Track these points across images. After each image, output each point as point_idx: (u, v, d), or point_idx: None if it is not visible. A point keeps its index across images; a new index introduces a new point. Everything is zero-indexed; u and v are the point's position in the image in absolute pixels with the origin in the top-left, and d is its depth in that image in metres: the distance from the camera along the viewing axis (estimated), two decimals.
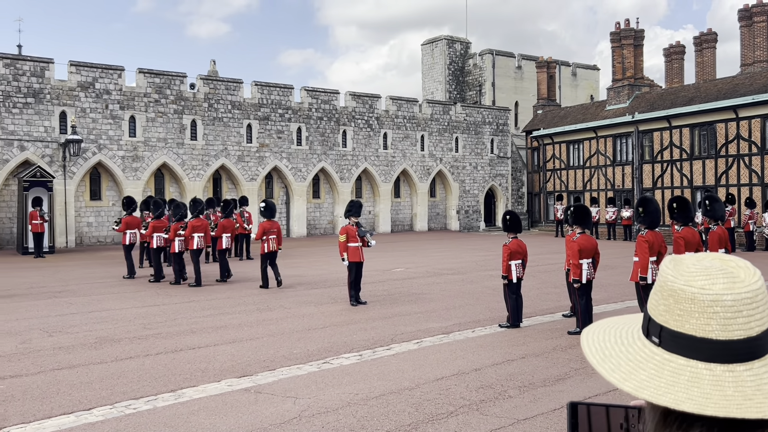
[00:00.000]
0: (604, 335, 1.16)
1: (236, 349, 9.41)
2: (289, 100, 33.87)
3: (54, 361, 8.74)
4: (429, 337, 10.23)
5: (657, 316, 1.08)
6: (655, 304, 1.09)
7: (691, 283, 1.04)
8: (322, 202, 36.00)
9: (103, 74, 28.80)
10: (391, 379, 7.81)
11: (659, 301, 1.08)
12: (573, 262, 10.58)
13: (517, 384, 7.65)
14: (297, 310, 12.55)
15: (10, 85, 26.68)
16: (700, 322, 1.02)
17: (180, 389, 7.47)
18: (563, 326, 11.04)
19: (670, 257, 1.13)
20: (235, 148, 32.13)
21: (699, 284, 1.03)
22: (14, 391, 7.40)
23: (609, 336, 1.16)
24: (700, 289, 1.03)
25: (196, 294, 14.79)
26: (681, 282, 1.05)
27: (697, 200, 30.88)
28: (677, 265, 1.09)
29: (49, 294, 14.84)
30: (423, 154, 38.62)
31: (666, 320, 1.06)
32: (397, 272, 18.75)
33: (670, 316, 1.05)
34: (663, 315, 1.07)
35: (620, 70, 36.98)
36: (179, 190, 31.12)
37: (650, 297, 1.12)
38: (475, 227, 40.99)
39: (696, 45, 36.86)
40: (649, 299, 1.12)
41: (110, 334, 10.44)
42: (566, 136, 39.12)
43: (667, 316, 1.06)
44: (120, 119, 29.10)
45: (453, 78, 49.55)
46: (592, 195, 36.81)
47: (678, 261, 1.10)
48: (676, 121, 32.48)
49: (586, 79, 53.43)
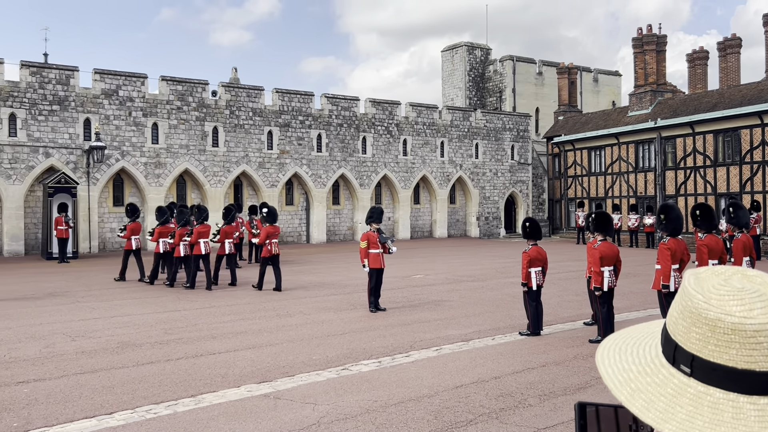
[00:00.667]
0: (622, 358, 1.09)
1: (256, 354, 9.44)
2: (309, 107, 34.05)
3: (77, 365, 8.84)
4: (448, 344, 10.19)
5: (686, 344, 1.00)
6: (683, 330, 1.01)
7: (727, 311, 0.96)
8: (342, 209, 36.09)
9: (127, 82, 29.19)
10: (410, 387, 7.79)
11: (689, 328, 1.00)
12: (594, 270, 10.49)
13: (537, 392, 7.59)
14: (316, 316, 12.58)
15: (36, 92, 27.14)
16: (741, 354, 0.94)
17: (200, 394, 7.52)
18: (584, 334, 10.94)
19: (691, 275, 1.05)
20: (256, 154, 32.35)
21: (737, 312, 0.96)
22: (38, 394, 7.49)
23: (629, 362, 1.08)
24: (742, 319, 0.95)
25: (217, 299, 14.89)
26: (717, 310, 0.97)
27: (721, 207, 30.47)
28: (703, 285, 1.01)
29: (72, 299, 15.03)
30: (443, 160, 38.58)
31: (699, 349, 0.98)
32: (417, 279, 18.72)
33: (703, 345, 0.98)
34: (695, 344, 0.99)
35: (642, 75, 36.67)
36: (201, 196, 31.40)
37: (674, 321, 1.04)
38: (495, 234, 40.81)
39: (720, 50, 36.43)
40: (673, 323, 1.04)
41: (132, 338, 10.54)
42: (588, 142, 38.85)
43: (701, 345, 0.98)
44: (143, 126, 29.46)
45: (473, 84, 49.48)
46: (614, 202, 36.49)
47: (702, 280, 1.03)
48: (700, 127, 32.11)
49: (608, 85, 53.05)
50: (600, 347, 1.15)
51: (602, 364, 1.10)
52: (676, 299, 1.06)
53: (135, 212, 19.42)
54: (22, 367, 8.70)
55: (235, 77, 39.87)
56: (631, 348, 1.11)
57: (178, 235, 16.95)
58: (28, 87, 26.96)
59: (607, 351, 1.12)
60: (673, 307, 1.05)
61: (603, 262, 10.39)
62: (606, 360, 1.10)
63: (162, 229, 17.87)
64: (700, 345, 0.98)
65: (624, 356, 1.09)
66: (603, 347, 1.14)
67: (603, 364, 1.10)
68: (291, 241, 34.06)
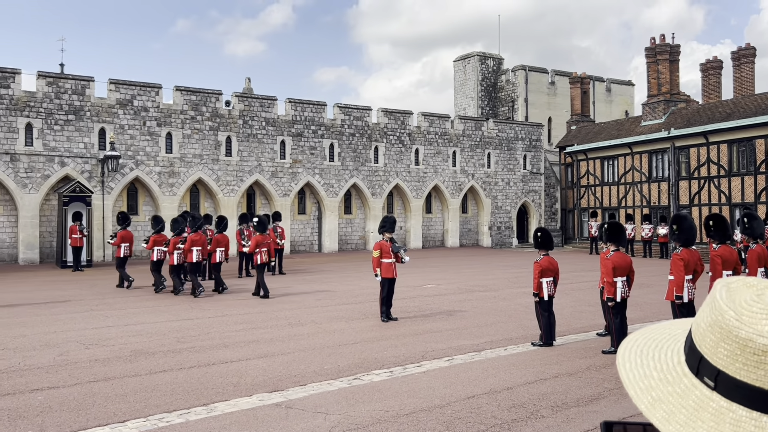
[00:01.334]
0: (644, 362, 1.07)
1: (268, 363, 9.46)
2: (322, 117, 34.20)
3: (90, 373, 8.90)
4: (460, 354, 10.16)
5: (712, 358, 0.98)
6: (711, 344, 0.99)
7: (760, 331, 0.94)
8: (354, 218, 36.14)
9: (142, 92, 29.47)
10: (421, 397, 7.77)
11: (718, 343, 0.98)
12: (607, 280, 10.43)
13: (549, 404, 7.55)
14: (328, 326, 12.58)
15: (53, 102, 27.46)
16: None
17: (212, 403, 7.54)
18: (597, 345, 10.87)
19: (723, 286, 1.02)
20: (269, 164, 32.51)
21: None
22: (51, 402, 7.55)
23: (650, 366, 1.06)
24: None
25: (229, 308, 14.94)
26: (749, 329, 0.95)
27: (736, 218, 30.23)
28: (735, 299, 0.99)
29: (86, 307, 15.14)
30: (455, 169, 38.58)
31: (725, 365, 0.97)
32: (429, 288, 18.69)
33: (731, 362, 0.96)
34: (722, 359, 0.97)
35: (656, 85, 36.55)
36: (214, 205, 31.57)
37: (702, 332, 1.01)
38: (508, 244, 40.69)
39: (734, 60, 36.27)
40: (701, 334, 1.02)
41: (145, 347, 10.59)
42: (601, 152, 38.72)
43: (728, 361, 0.96)
44: (157, 136, 29.70)
45: (485, 94, 49.51)
46: (627, 212, 36.31)
47: (734, 292, 1.00)
48: (714, 137, 31.93)
49: (621, 95, 52.89)
50: (621, 348, 1.13)
51: (623, 367, 1.08)
52: (704, 309, 1.03)
53: (126, 220, 19.73)
54: (36, 375, 8.77)
55: (248, 87, 40.14)
56: (653, 352, 1.09)
57: (172, 244, 17.26)
58: (44, 97, 27.29)
59: (628, 353, 1.10)
60: (702, 317, 1.03)
61: (616, 273, 10.34)
62: (627, 363, 1.09)
63: (157, 238, 18.11)
64: (728, 361, 0.96)
65: (645, 360, 1.07)
66: (624, 348, 1.12)
67: (624, 368, 1.08)
68: (303, 250, 34.14)
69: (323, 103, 34.33)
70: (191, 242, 17.14)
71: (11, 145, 26.62)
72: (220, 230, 19.42)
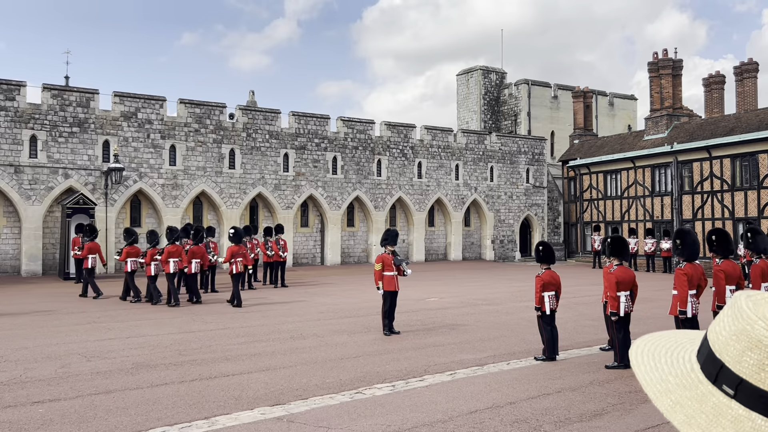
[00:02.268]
0: (658, 366, 1.07)
1: (269, 377, 9.43)
2: (325, 130, 34.30)
3: (92, 385, 8.88)
4: (463, 368, 10.11)
5: (735, 366, 0.98)
6: (735, 353, 0.98)
7: None
8: (357, 231, 36.14)
9: (146, 104, 29.61)
10: (424, 411, 7.73)
11: (744, 352, 0.97)
12: (610, 295, 10.40)
13: (552, 419, 7.51)
14: (330, 339, 12.55)
15: (57, 115, 27.60)
16: None
17: (213, 416, 7.51)
18: (601, 360, 10.82)
19: (747, 297, 1.02)
20: (272, 176, 32.58)
21: None
22: (53, 414, 7.53)
23: (665, 370, 1.06)
24: None
25: (231, 321, 14.91)
26: None
27: (739, 232, 30.15)
28: (761, 310, 0.98)
29: (88, 319, 15.12)
30: (457, 183, 38.61)
31: (750, 375, 0.96)
32: (431, 302, 18.65)
33: (756, 372, 0.95)
34: (747, 369, 0.96)
35: (658, 99, 36.62)
36: (217, 217, 31.62)
37: (724, 341, 1.01)
38: (511, 257, 40.63)
39: (737, 75, 36.32)
40: (722, 343, 1.01)
41: (147, 359, 10.57)
42: (603, 166, 38.73)
43: (753, 370, 0.96)
44: (161, 148, 29.80)
45: (488, 108, 49.64)
46: (630, 226, 36.24)
47: (759, 304, 0.99)
48: (717, 151, 31.93)
49: (624, 109, 52.99)
50: (633, 350, 1.13)
51: (639, 369, 1.08)
52: (725, 319, 1.02)
53: (93, 232, 20.44)
54: (37, 387, 8.75)
55: (252, 100, 40.31)
56: (665, 357, 1.09)
57: (149, 255, 17.86)
58: (49, 109, 27.43)
59: (641, 356, 1.10)
60: (723, 326, 1.02)
61: (619, 287, 10.32)
62: (642, 366, 1.09)
63: (130, 250, 18.73)
64: (753, 370, 0.96)
65: (659, 364, 1.08)
66: (636, 351, 1.12)
67: (639, 369, 1.08)
68: (305, 263, 34.11)
69: (326, 117, 34.44)
70: (168, 253, 17.80)
71: (15, 157, 26.73)
72: (197, 242, 19.74)
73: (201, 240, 19.97)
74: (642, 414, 7.70)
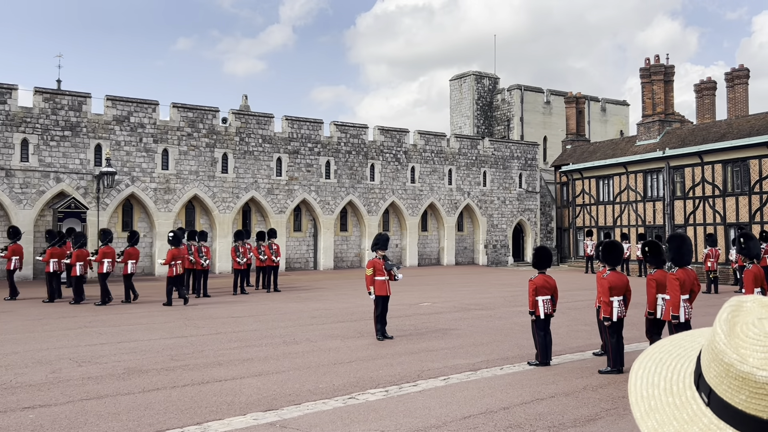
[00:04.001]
0: (655, 375, 1.09)
1: (262, 382, 9.38)
2: (318, 135, 34.28)
3: (83, 391, 8.80)
4: (456, 373, 10.10)
5: (707, 376, 1.01)
6: (706, 362, 1.02)
7: (743, 358, 0.96)
8: (350, 235, 36.10)
9: (138, 108, 29.51)
10: (417, 416, 7.71)
11: (710, 363, 1.01)
12: (603, 300, 10.42)
13: (546, 424, 7.49)
14: (323, 344, 12.51)
15: (49, 118, 27.46)
16: (751, 401, 0.95)
17: (206, 422, 7.46)
18: (594, 365, 10.83)
19: (731, 306, 1.03)
20: (265, 181, 32.52)
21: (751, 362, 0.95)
22: (43, 420, 7.46)
23: (660, 378, 1.08)
24: (753, 369, 0.95)
25: (224, 326, 14.85)
26: (732, 355, 0.97)
27: (731, 237, 30.31)
28: (734, 322, 1.00)
29: (79, 324, 15.02)
30: (451, 188, 38.65)
31: (715, 385, 0.99)
32: (424, 307, 18.63)
33: (719, 383, 0.99)
34: (713, 379, 1.00)
35: (650, 105, 36.79)
36: (209, 222, 31.51)
37: (704, 348, 1.04)
38: (503, 262, 40.67)
39: (728, 81, 36.56)
40: (704, 350, 1.04)
41: (138, 364, 10.50)
42: (596, 171, 38.88)
43: (716, 381, 0.99)
44: (153, 152, 29.70)
45: (481, 113, 49.75)
46: (622, 231, 36.37)
47: (741, 312, 1.01)
48: (708, 157, 32.10)
49: (616, 115, 53.23)
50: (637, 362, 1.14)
51: (634, 374, 1.11)
52: None
53: (17, 234, 20.85)
54: (27, 393, 8.67)
55: (245, 104, 40.24)
56: (674, 361, 1.11)
57: (75, 256, 18.73)
58: (40, 113, 27.30)
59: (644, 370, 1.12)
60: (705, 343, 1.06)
61: (612, 292, 10.33)
62: (640, 370, 1.12)
63: (53, 251, 19.71)
64: (716, 381, 0.99)
65: (659, 369, 1.10)
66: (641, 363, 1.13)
67: (635, 374, 1.11)
68: (299, 267, 34.04)
69: (320, 121, 34.43)
70: (102, 254, 18.73)
71: (6, 160, 26.57)
72: (132, 244, 20.01)
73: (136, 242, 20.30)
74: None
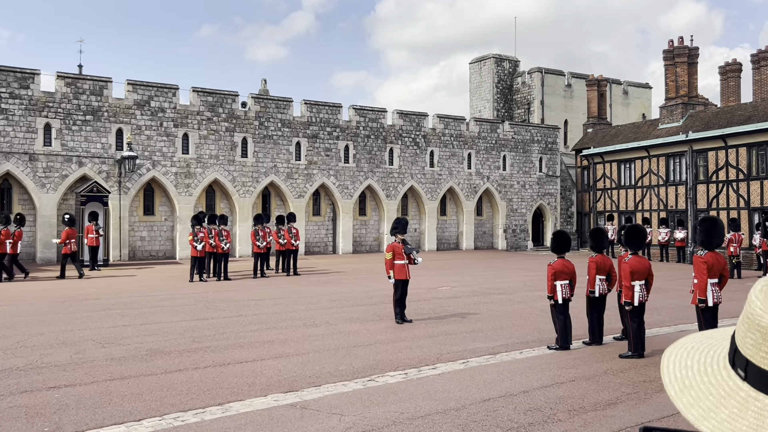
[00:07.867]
0: (688, 359, 1.10)
1: (282, 364, 9.46)
2: (337, 119, 34.24)
3: (106, 371, 8.94)
4: (475, 357, 10.10)
5: (743, 348, 1.01)
6: (742, 334, 1.01)
7: None
8: (368, 219, 36.13)
9: (159, 93, 29.66)
10: (436, 399, 7.73)
11: (746, 333, 1.01)
12: (624, 284, 10.33)
13: (566, 407, 7.48)
14: (342, 327, 12.57)
15: (71, 103, 27.71)
16: None
17: (227, 403, 7.54)
18: (614, 349, 10.77)
19: (761, 282, 1.04)
20: (284, 165, 32.60)
21: None
22: (68, 400, 7.59)
23: (693, 361, 1.09)
24: None
25: (245, 309, 14.97)
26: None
27: (755, 222, 29.88)
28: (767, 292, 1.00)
29: (103, 306, 15.24)
30: (470, 172, 38.46)
31: (752, 355, 0.99)
32: (443, 291, 18.63)
33: (756, 352, 0.98)
34: (749, 349, 0.99)
35: (673, 88, 36.22)
36: (229, 206, 31.71)
37: (739, 324, 1.04)
38: (523, 247, 40.49)
39: (753, 63, 35.80)
40: (737, 327, 1.04)
41: (161, 346, 10.63)
42: (617, 155, 38.44)
43: (753, 350, 0.99)
44: (174, 136, 29.88)
45: (501, 96, 49.33)
46: (644, 215, 36.00)
47: None
48: (733, 140, 31.58)
49: (638, 98, 52.48)
50: (669, 349, 1.14)
51: (667, 362, 1.11)
52: None
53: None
54: (53, 373, 8.83)
55: (264, 89, 40.27)
56: (702, 352, 1.11)
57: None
58: (63, 98, 27.54)
59: (676, 354, 1.13)
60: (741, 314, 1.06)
61: (634, 277, 10.24)
62: (672, 360, 1.11)
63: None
64: (753, 351, 0.99)
65: (691, 359, 1.10)
66: (673, 350, 1.14)
67: (668, 362, 1.11)
68: (318, 251, 34.18)
69: (339, 105, 34.37)
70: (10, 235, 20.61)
71: (30, 145, 26.89)
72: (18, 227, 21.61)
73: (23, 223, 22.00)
74: (657, 403, 7.66)
